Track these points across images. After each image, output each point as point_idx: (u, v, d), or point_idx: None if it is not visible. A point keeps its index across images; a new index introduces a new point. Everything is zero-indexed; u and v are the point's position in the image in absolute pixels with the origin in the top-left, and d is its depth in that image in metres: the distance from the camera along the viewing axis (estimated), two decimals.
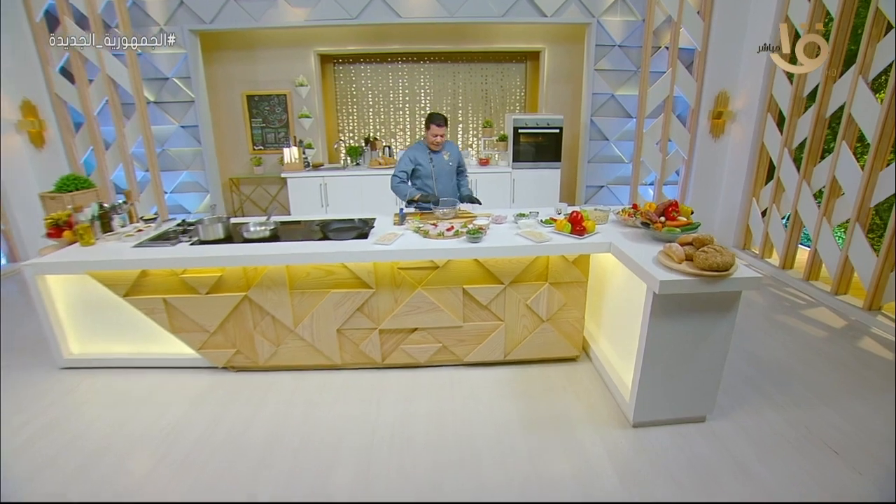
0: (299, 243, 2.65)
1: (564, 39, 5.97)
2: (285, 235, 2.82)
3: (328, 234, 2.67)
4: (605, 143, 5.60)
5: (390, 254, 2.49)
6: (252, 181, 6.43)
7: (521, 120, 5.03)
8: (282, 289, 2.70)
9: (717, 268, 1.97)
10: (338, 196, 5.15)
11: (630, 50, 5.22)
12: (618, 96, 5.39)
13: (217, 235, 2.77)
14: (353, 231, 2.68)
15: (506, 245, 2.51)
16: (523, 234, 2.61)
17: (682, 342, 2.22)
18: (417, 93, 6.60)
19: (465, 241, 2.57)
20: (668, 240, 2.46)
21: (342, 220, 2.89)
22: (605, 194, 5.83)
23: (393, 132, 6.80)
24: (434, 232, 2.63)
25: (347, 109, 6.68)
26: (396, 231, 2.73)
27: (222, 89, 6.09)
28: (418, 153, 3.39)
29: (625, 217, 2.79)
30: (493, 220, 2.91)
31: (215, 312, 2.77)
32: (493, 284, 2.72)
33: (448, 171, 3.43)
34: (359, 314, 2.77)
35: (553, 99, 6.26)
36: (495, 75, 6.58)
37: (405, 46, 6.11)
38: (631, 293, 2.48)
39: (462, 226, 2.74)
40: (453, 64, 6.49)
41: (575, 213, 2.64)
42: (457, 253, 2.51)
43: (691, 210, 2.49)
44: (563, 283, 2.76)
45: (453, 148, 3.50)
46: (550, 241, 2.53)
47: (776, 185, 4.44)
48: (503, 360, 2.95)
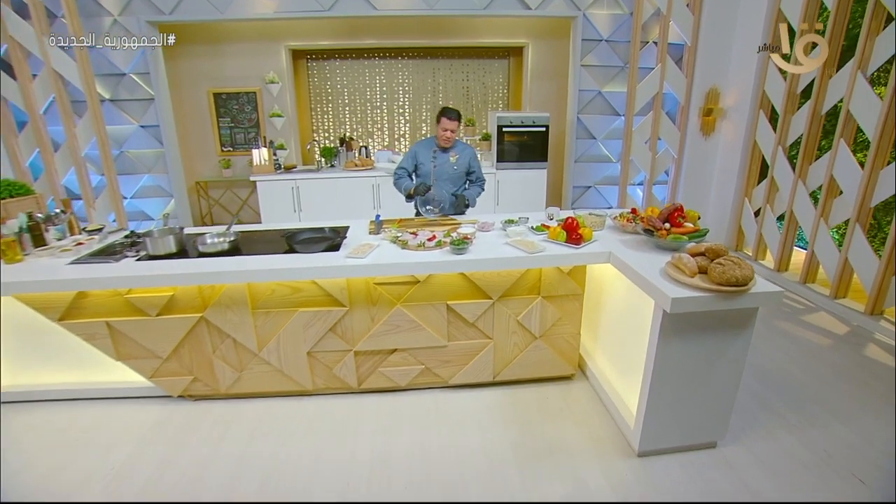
0: (262, 258, 2.34)
1: (549, 34, 5.75)
2: (247, 248, 2.50)
3: (294, 247, 2.36)
4: (593, 141, 5.40)
5: (364, 268, 2.20)
6: (221, 184, 6.05)
7: (505, 118, 4.78)
8: (243, 309, 2.38)
9: (736, 282, 1.74)
10: (311, 200, 4.82)
11: (617, 45, 5.02)
12: (605, 93, 5.19)
13: (168, 249, 2.43)
14: (323, 242, 2.38)
15: (494, 257, 2.25)
16: (513, 244, 2.35)
17: (693, 363, 1.99)
18: (395, 90, 6.30)
19: (448, 252, 2.30)
20: (673, 248, 2.23)
21: (311, 230, 2.58)
22: (593, 195, 5.63)
23: (370, 132, 6.49)
24: (413, 242, 2.35)
25: (322, 108, 6.34)
26: (372, 241, 2.44)
27: (186, 86, 5.69)
28: (422, 148, 3.15)
29: (623, 223, 2.56)
30: (479, 228, 2.64)
31: (168, 336, 2.44)
32: (480, 300, 2.45)
33: (451, 175, 3.14)
34: (331, 335, 2.48)
35: (537, 96, 6.04)
36: (477, 72, 6.33)
37: (382, 41, 5.81)
38: (633, 307, 2.24)
39: (445, 235, 2.47)
40: (433, 60, 6.21)
41: (570, 220, 2.40)
42: (439, 266, 2.23)
43: (698, 215, 2.27)
44: (558, 297, 2.52)
45: (466, 151, 3.20)
46: (544, 252, 2.27)
47: (770, 184, 4.29)
48: (492, 381, 2.69)
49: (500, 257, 2.24)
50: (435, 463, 2.16)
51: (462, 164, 3.17)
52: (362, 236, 2.62)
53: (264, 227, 2.89)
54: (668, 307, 1.77)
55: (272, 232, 2.77)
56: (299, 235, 2.52)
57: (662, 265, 2.06)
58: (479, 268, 2.27)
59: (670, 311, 1.77)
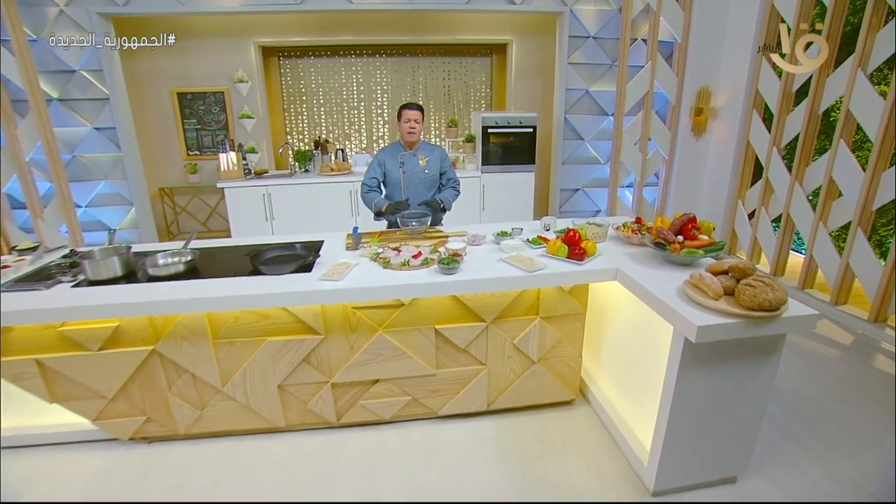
0: (222, 282, 2.02)
1: (534, 30, 5.53)
2: (206, 269, 2.18)
3: (260, 268, 2.06)
4: (580, 142, 5.20)
5: (340, 293, 1.91)
6: (187, 191, 5.64)
7: (490, 118, 4.54)
8: (202, 339, 2.07)
9: (770, 306, 1.52)
10: (284, 207, 4.49)
11: (605, 42, 4.82)
12: (592, 92, 4.99)
13: (113, 273, 2.10)
14: (293, 262, 2.08)
15: (489, 277, 1.99)
16: (509, 261, 2.10)
17: (716, 395, 1.77)
18: (374, 90, 6.00)
19: (436, 271, 2.03)
20: (686, 263, 2.01)
21: (279, 247, 2.28)
22: (581, 198, 5.43)
23: (347, 133, 6.17)
24: (396, 261, 2.07)
25: (296, 109, 6.00)
26: (349, 260, 2.15)
27: (146, 85, 5.28)
28: (387, 155, 2.83)
29: (628, 234, 2.33)
30: (468, 241, 2.38)
31: (113, 373, 2.10)
32: (472, 323, 2.19)
33: (423, 180, 2.83)
34: (305, 366, 2.18)
35: (522, 96, 5.82)
36: (458, 70, 6.08)
37: (359, 38, 5.50)
38: (643, 328, 2.01)
39: (431, 250, 2.20)
40: (413, 58, 5.94)
41: (571, 232, 2.15)
42: (427, 289, 1.96)
43: (713, 226, 2.06)
44: (558, 317, 2.28)
45: (435, 152, 2.89)
46: (544, 270, 2.02)
47: (765, 185, 4.15)
48: (486, 409, 2.43)
49: (496, 277, 1.98)
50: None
51: (433, 166, 2.87)
52: (338, 253, 2.33)
53: (228, 243, 2.57)
54: (694, 336, 1.54)
55: (236, 249, 2.45)
56: (266, 254, 2.21)
57: (678, 283, 1.84)
58: (472, 290, 2.01)
59: (696, 341, 1.54)
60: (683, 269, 2.01)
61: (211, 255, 2.37)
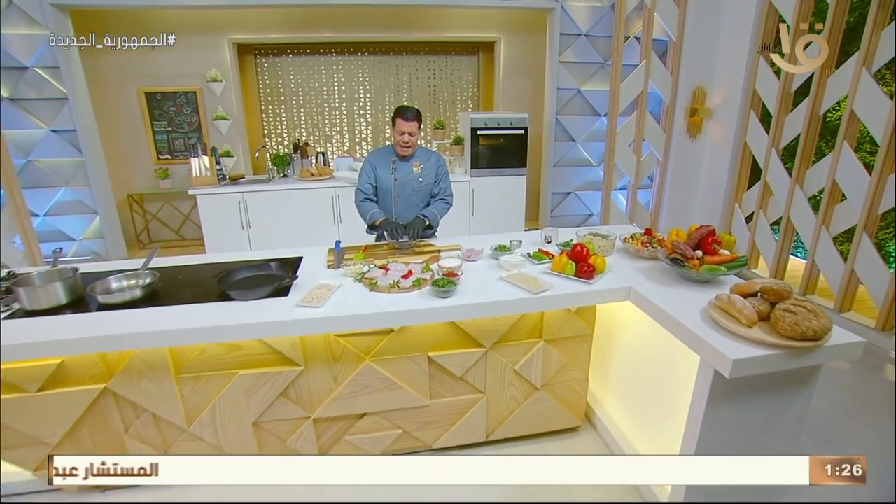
0: (185, 309, 1.76)
1: (522, 28, 5.34)
2: (168, 293, 1.92)
3: (229, 292, 1.80)
4: (572, 144, 5.02)
5: (320, 322, 1.67)
6: (158, 197, 5.30)
7: (479, 119, 4.32)
8: (163, 375, 1.80)
9: (814, 336, 1.34)
10: (261, 215, 4.20)
11: (597, 40, 4.65)
12: (584, 92, 4.82)
13: (55, 301, 1.82)
14: (267, 286, 1.83)
15: (489, 300, 1.76)
16: (511, 281, 1.88)
17: (746, 428, 1.59)
18: (356, 89, 5.74)
19: (429, 294, 1.80)
20: (704, 281, 1.82)
21: (251, 266, 2.02)
22: (573, 202, 5.26)
23: (328, 136, 5.90)
24: (385, 282, 1.84)
25: (274, 110, 5.70)
26: (330, 281, 1.91)
27: (111, 84, 4.93)
28: (379, 159, 2.55)
29: (638, 247, 2.14)
30: (464, 257, 2.16)
31: (58, 416, 1.83)
32: (470, 349, 1.97)
33: (416, 189, 2.56)
34: (283, 401, 1.93)
35: (510, 96, 5.63)
36: (444, 69, 5.86)
37: (340, 35, 5.23)
38: (659, 352, 1.83)
39: (423, 269, 1.97)
40: (396, 56, 5.70)
41: (578, 248, 1.95)
42: (419, 315, 1.73)
43: (734, 240, 1.87)
44: (563, 339, 2.07)
45: (431, 158, 2.60)
46: (550, 291, 1.81)
47: (763, 188, 4.02)
48: (485, 440, 2.21)
49: (497, 301, 1.76)
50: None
51: (428, 174, 2.58)
52: (319, 272, 2.08)
53: (195, 261, 2.30)
54: (728, 371, 1.34)
55: (203, 269, 2.18)
56: (236, 275, 1.95)
57: (701, 305, 1.65)
58: (471, 315, 1.78)
59: (730, 376, 1.35)
60: (702, 287, 1.83)
61: (174, 276, 2.09)
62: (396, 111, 2.39)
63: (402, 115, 2.36)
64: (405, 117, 2.36)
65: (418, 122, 2.40)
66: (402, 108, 2.38)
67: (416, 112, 2.38)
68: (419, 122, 2.40)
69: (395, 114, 2.39)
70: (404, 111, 2.36)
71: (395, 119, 2.38)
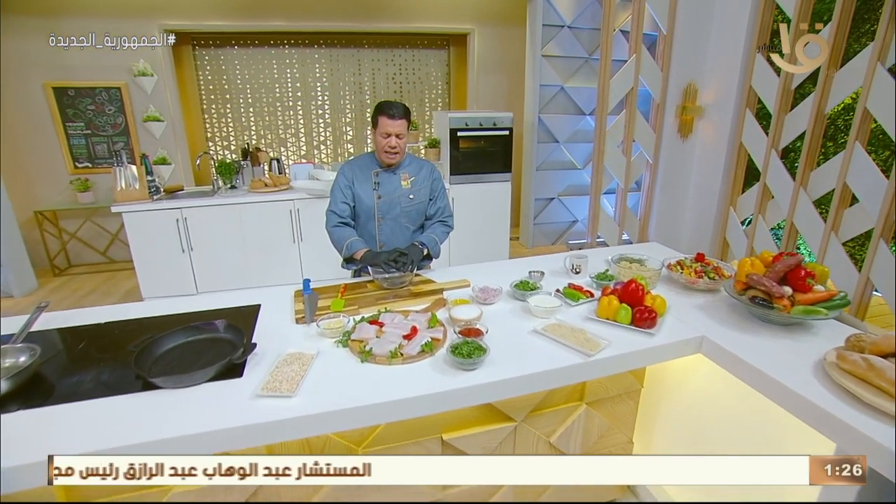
0: (83, 409, 1.17)
1: (499, 19, 4.90)
2: (57, 379, 1.30)
3: (153, 379, 1.21)
4: (555, 145, 4.65)
5: (296, 424, 1.13)
6: (78, 213, 4.47)
7: (459, 119, 3.84)
8: None
9: None
10: (206, 235, 3.52)
11: (581, 32, 4.29)
12: (568, 89, 4.44)
13: None
14: (211, 361, 1.26)
15: (533, 371, 1.27)
16: (552, 336, 1.41)
17: None
18: (313, 86, 5.13)
19: (445, 362, 1.30)
20: (789, 323, 1.43)
21: (189, 328, 1.43)
22: (556, 208, 4.89)
23: (282, 139, 5.24)
24: (382, 350, 1.31)
25: (218, 110, 4.98)
26: (302, 348, 1.36)
27: (9, 77, 4.07)
28: (357, 170, 1.98)
29: (691, 277, 1.72)
30: (477, 299, 1.66)
31: None
32: (495, 425, 1.49)
33: (406, 210, 2.00)
34: None
35: (485, 93, 5.19)
36: (411, 64, 5.35)
37: (294, 24, 4.60)
38: (739, 414, 1.41)
39: (429, 322, 1.46)
40: (358, 49, 5.13)
41: (632, 286, 1.50)
42: (441, 401, 1.21)
43: (828, 270, 1.49)
44: (608, 399, 1.64)
45: (424, 169, 2.04)
46: (606, 350, 1.35)
47: (762, 191, 3.78)
48: None
49: (544, 372, 1.28)
50: None
51: (421, 190, 2.01)
52: (284, 330, 1.52)
53: (103, 318, 1.66)
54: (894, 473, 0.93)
55: (117, 331, 1.56)
56: (164, 344, 1.36)
57: (807, 362, 1.25)
58: (512, 393, 1.29)
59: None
60: (788, 332, 1.43)
61: (71, 346, 1.47)
62: (378, 108, 1.85)
63: (387, 111, 1.82)
64: (390, 114, 1.82)
65: (407, 121, 1.87)
66: (385, 103, 1.84)
67: (405, 108, 1.85)
68: (408, 120, 1.88)
69: (377, 111, 1.85)
70: (389, 107, 1.82)
71: (378, 118, 1.84)
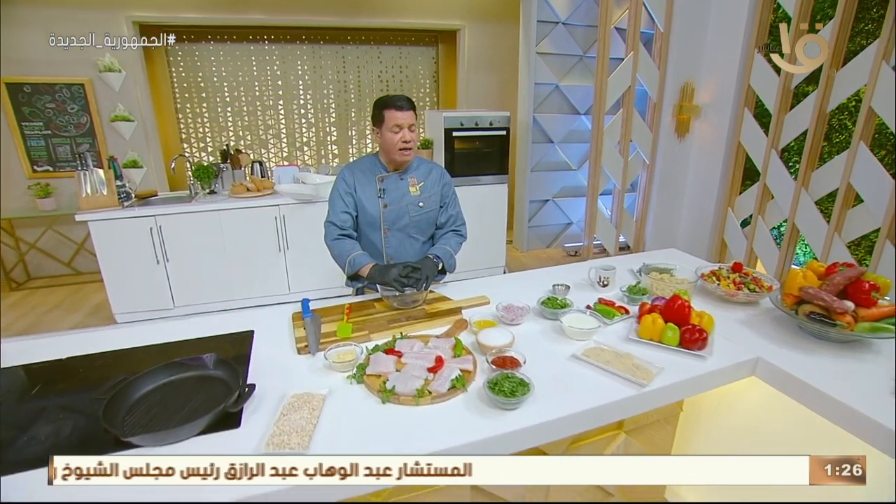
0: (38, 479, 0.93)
1: (490, 14, 4.74)
2: (3, 436, 1.06)
3: (131, 435, 0.99)
4: (550, 146, 4.52)
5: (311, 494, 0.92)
6: (38, 222, 4.11)
7: (454, 119, 3.66)
8: None
9: None
10: (183, 245, 3.25)
11: (575, 29, 4.16)
12: (563, 87, 4.32)
13: None
14: (199, 407, 1.05)
15: (584, 407, 1.10)
16: (594, 362, 1.24)
17: None
18: (294, 84, 4.88)
19: (480, 399, 1.12)
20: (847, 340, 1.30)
21: (170, 368, 1.21)
22: (551, 210, 4.76)
23: (263, 140, 4.98)
24: (407, 388, 1.12)
25: (193, 109, 4.69)
26: (309, 387, 1.16)
27: None
28: (359, 175, 1.75)
29: (729, 289, 1.58)
30: (502, 319, 1.48)
31: None
32: None
33: (416, 219, 1.78)
34: None
35: (476, 92, 5.02)
36: (398, 61, 5.15)
37: (274, 18, 4.35)
38: (794, 439, 1.27)
39: (454, 349, 1.28)
40: (342, 46, 4.91)
41: (678, 302, 1.35)
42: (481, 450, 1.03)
43: (890, 283, 1.36)
44: (647, 426, 1.48)
45: (434, 174, 1.83)
46: (659, 378, 1.19)
47: (762, 191, 3.72)
48: None
49: (592, 409, 1.11)
50: None
51: (431, 196, 1.79)
52: (285, 362, 1.31)
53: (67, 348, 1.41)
54: None
55: (83, 366, 1.32)
56: (140, 386, 1.14)
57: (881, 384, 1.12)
58: (558, 435, 1.11)
59: None
60: (845, 348, 1.30)
61: (21, 392, 1.22)
62: (382, 103, 1.64)
63: (394, 104, 1.61)
64: (399, 105, 1.60)
65: (415, 113, 1.67)
66: (388, 97, 1.63)
67: (411, 101, 1.66)
68: (415, 113, 1.68)
69: (382, 106, 1.64)
70: (395, 99, 1.62)
71: (383, 112, 1.62)
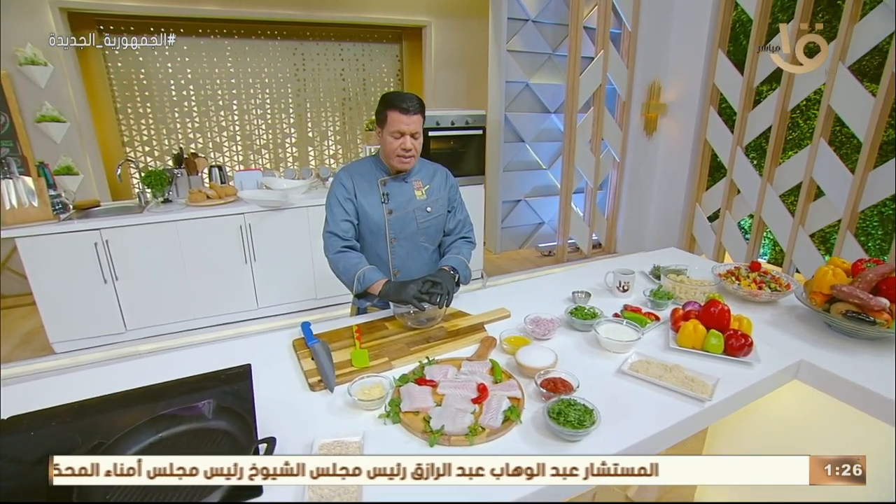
0: None
1: (457, 11, 4.64)
2: None
3: None
4: (521, 145, 4.47)
5: None
6: None
7: (430, 118, 3.50)
8: None
9: None
10: (134, 261, 2.90)
11: (544, 27, 4.13)
12: (533, 85, 4.28)
13: None
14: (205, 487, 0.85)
15: (650, 434, 1.00)
16: (643, 376, 1.15)
17: None
18: (250, 82, 4.55)
19: (538, 430, 0.99)
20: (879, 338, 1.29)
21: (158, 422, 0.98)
22: (523, 210, 4.73)
23: (218, 143, 4.61)
24: (456, 426, 0.97)
25: (135, 109, 4.26)
26: (340, 435, 0.98)
27: None
28: (360, 178, 1.57)
29: (751, 289, 1.55)
30: (533, 333, 1.36)
31: None
32: None
33: (424, 226, 1.62)
34: None
35: (443, 90, 4.90)
36: (359, 59, 4.95)
37: (227, 9, 4.03)
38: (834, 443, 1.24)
39: (493, 375, 1.14)
40: (300, 42, 4.65)
41: (718, 307, 1.29)
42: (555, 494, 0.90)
43: None
44: None
45: (439, 176, 1.67)
46: (717, 386, 1.11)
47: (729, 186, 3.85)
48: None
49: (659, 433, 1.01)
50: None
51: (438, 200, 1.64)
52: (297, 403, 1.12)
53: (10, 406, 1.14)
54: None
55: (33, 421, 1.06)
56: (123, 448, 0.92)
57: None
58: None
59: None
60: (879, 345, 1.30)
61: None
62: (387, 101, 1.46)
63: (399, 105, 1.43)
64: (404, 108, 1.43)
65: (423, 117, 1.51)
66: (396, 95, 1.46)
67: (420, 102, 1.49)
68: (423, 116, 1.52)
69: (386, 105, 1.46)
70: (401, 100, 1.44)
71: (386, 113, 1.45)
